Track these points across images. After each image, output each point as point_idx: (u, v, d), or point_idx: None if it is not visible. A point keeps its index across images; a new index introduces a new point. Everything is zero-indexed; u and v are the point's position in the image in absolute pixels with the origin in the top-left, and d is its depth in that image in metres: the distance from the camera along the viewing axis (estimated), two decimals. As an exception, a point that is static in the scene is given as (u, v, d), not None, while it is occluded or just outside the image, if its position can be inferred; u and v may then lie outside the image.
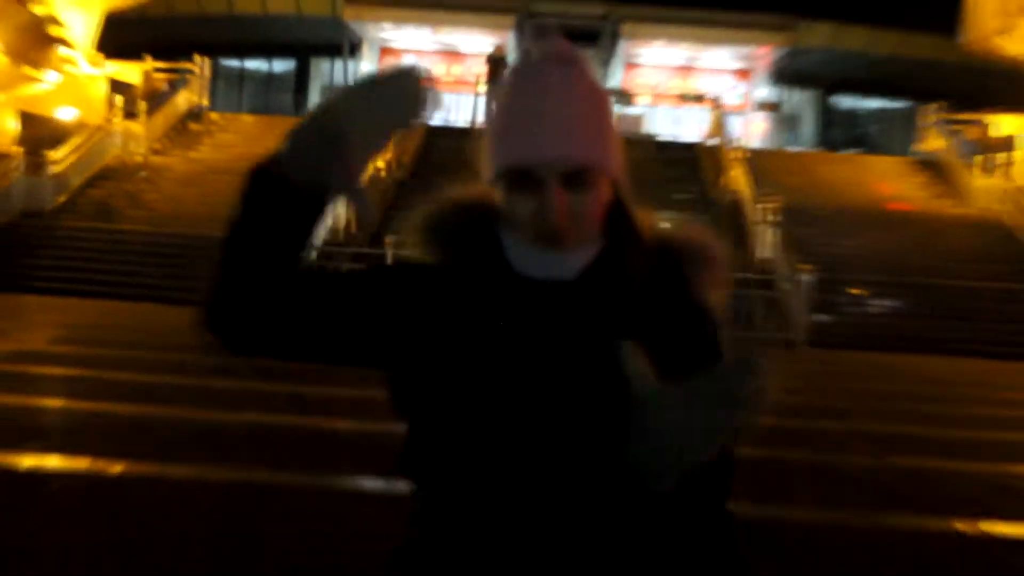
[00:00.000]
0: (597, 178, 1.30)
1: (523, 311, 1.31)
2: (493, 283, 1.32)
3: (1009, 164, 23.65)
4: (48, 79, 23.00)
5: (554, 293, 1.32)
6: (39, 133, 21.77)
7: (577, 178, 1.27)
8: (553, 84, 1.31)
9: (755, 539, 2.13)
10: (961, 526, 5.69)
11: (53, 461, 6.17)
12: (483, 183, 1.39)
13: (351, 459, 6.20)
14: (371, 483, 5.74)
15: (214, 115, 26.45)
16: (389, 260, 8.55)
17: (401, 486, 1.45)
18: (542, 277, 1.31)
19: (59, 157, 20.64)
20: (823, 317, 18.30)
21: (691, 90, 33.82)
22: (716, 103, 27.89)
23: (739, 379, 1.17)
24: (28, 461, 6.02)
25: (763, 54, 33.30)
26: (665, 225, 1.49)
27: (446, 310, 1.31)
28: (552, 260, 1.32)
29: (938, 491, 6.80)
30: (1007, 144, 24.30)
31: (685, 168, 23.57)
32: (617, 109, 29.67)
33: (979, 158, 23.70)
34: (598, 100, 1.35)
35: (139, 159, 22.89)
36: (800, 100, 37.25)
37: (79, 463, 6.02)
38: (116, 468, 5.96)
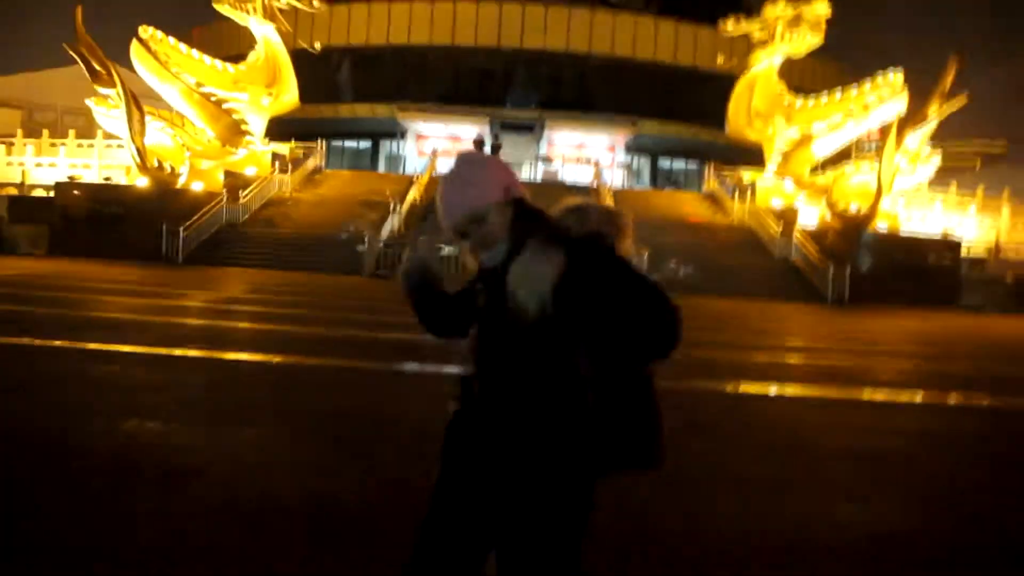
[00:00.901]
0: (482, 214, 2.07)
1: (485, 282, 2.23)
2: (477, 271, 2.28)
3: (752, 196, 33.92)
4: (240, 153, 33.51)
5: (492, 273, 2.16)
6: (235, 182, 31.92)
7: (472, 220, 2.10)
8: (448, 179, 2.17)
9: None
10: (722, 387, 9.02)
11: (245, 356, 9.45)
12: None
13: (398, 356, 9.20)
14: (409, 366, 9.57)
15: (327, 171, 38.07)
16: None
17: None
18: (489, 266, 2.19)
19: (245, 194, 31.11)
20: (653, 275, 31.44)
21: (583, 156, 46.27)
22: (597, 163, 40.99)
23: (542, 257, 1.98)
24: (233, 355, 9.36)
25: (621, 136, 47.80)
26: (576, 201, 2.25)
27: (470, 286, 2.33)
28: (488, 258, 2.19)
29: (713, 369, 10.07)
30: (750, 186, 34.83)
31: (582, 197, 35.26)
32: (542, 167, 43.97)
33: (736, 193, 34.74)
34: (469, 175, 2.12)
35: (288, 195, 33.56)
36: (641, 161, 51.42)
37: (254, 356, 9.35)
38: (278, 359, 9.39)
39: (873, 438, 7.13)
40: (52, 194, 32.16)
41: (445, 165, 40.33)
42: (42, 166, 40.59)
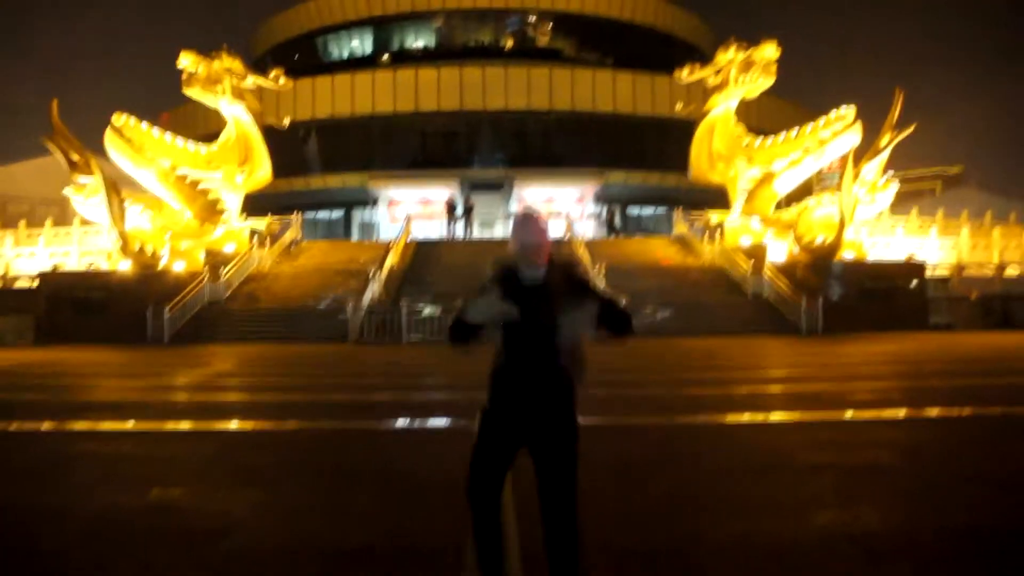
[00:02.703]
0: (543, 246, 3.70)
1: (524, 294, 3.64)
2: (515, 283, 3.70)
3: (721, 236, 34.40)
4: (218, 231, 33.82)
5: (533, 287, 3.68)
6: (216, 260, 32.14)
7: (539, 246, 3.69)
8: (529, 217, 3.77)
9: (611, 434, 8.52)
10: (708, 419, 9.65)
11: (241, 425, 10.07)
12: (510, 252, 3.71)
13: (388, 415, 11.79)
14: (401, 423, 10.02)
15: (304, 243, 38.49)
16: (403, 314, 26.87)
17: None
18: (528, 282, 3.69)
19: (226, 271, 31.40)
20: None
21: (553, 210, 46.78)
22: (567, 216, 42.02)
23: (585, 308, 3.67)
24: (232, 425, 9.92)
25: (589, 188, 48.84)
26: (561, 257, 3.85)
27: (504, 294, 3.62)
28: (530, 275, 3.70)
29: (699, 404, 10.92)
30: (718, 227, 35.14)
31: (555, 249, 35.72)
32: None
33: (706, 235, 35.38)
34: (542, 224, 3.74)
35: (267, 269, 33.73)
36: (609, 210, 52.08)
37: (257, 424, 10.02)
38: (272, 425, 10.29)
39: (850, 453, 7.65)
40: (36, 284, 32.37)
41: (419, 229, 41.60)
42: (22, 256, 40.91)
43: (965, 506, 5.74)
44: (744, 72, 34.27)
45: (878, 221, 38.87)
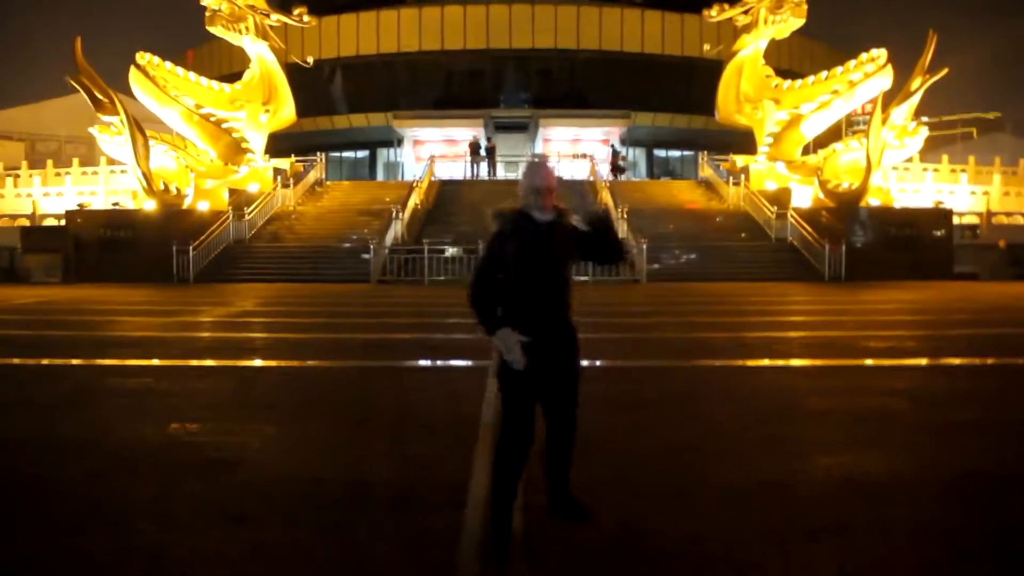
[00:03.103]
0: (553, 190, 3.95)
1: (536, 232, 3.94)
2: (527, 225, 3.95)
3: (746, 180, 34.13)
4: (241, 171, 33.85)
5: (544, 225, 3.96)
6: (240, 200, 32.28)
7: (550, 190, 3.94)
8: (540, 164, 4.09)
9: (622, 377, 8.58)
10: (724, 362, 9.65)
11: (264, 362, 10.45)
12: (519, 196, 3.99)
13: (408, 354, 11.72)
14: (421, 362, 10.52)
15: (328, 183, 38.70)
16: (426, 254, 26.75)
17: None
18: (540, 221, 3.97)
19: (250, 211, 31.44)
20: (655, 265, 27.27)
21: (578, 152, 46.53)
22: (592, 158, 41.26)
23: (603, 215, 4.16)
24: (252, 362, 10.05)
25: (615, 130, 48.37)
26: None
27: (517, 237, 3.92)
28: (542, 216, 3.97)
29: (714, 348, 10.93)
30: (744, 170, 34.87)
31: (580, 190, 34.20)
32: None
33: (730, 178, 35.16)
34: (552, 172, 4.02)
35: (291, 208, 34.05)
36: (636, 153, 52.04)
37: (277, 362, 10.21)
38: (293, 363, 10.32)
39: (861, 399, 7.69)
40: (63, 222, 32.76)
41: (444, 169, 41.46)
42: (50, 196, 41.40)
43: (973, 454, 5.76)
44: (774, 11, 33.49)
45: (907, 167, 38.21)
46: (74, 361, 10.54)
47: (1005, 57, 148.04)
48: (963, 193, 40.15)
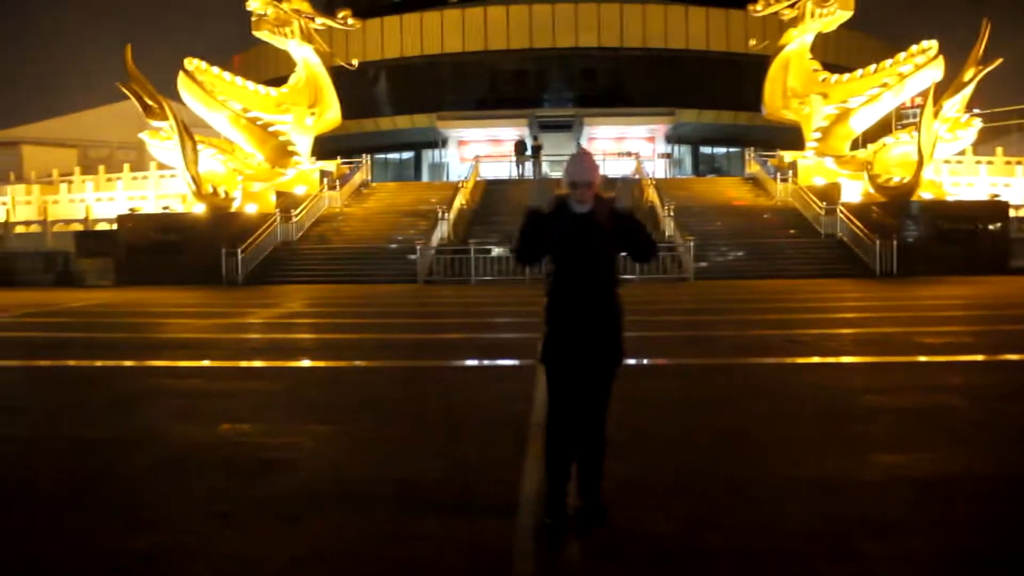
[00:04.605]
0: (592, 185, 4.04)
1: (574, 222, 4.11)
2: (566, 214, 4.13)
3: (794, 176, 33.42)
4: (288, 174, 33.79)
5: (582, 216, 4.10)
6: (287, 202, 32.15)
7: (587, 185, 4.03)
8: (580, 157, 4.13)
9: (676, 374, 8.61)
10: (775, 360, 9.62)
11: (314, 363, 10.66)
12: (563, 188, 4.04)
13: (456, 353, 11.72)
14: (471, 362, 10.49)
15: (374, 184, 38.82)
16: (472, 254, 26.93)
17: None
18: (578, 212, 4.12)
19: (297, 213, 31.45)
20: (702, 264, 26.98)
21: (623, 149, 46.18)
22: (637, 155, 41.13)
23: (626, 186, 4.35)
24: (303, 363, 10.22)
25: (660, 127, 48.01)
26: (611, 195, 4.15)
27: (556, 223, 4.12)
28: (579, 207, 4.10)
29: (766, 346, 10.89)
30: (792, 166, 34.10)
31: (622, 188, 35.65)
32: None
33: (778, 174, 34.40)
34: (593, 163, 4.11)
35: (337, 210, 34.03)
36: (682, 150, 51.49)
37: (327, 362, 10.44)
38: (343, 363, 10.28)
39: (917, 396, 7.55)
40: (115, 227, 33.31)
41: (488, 169, 41.46)
42: (102, 200, 42.11)
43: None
44: (821, 4, 32.87)
45: (960, 161, 37.40)
46: (127, 363, 10.69)
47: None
48: (1020, 186, 39.09)
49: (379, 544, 4.07)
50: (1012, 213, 32.01)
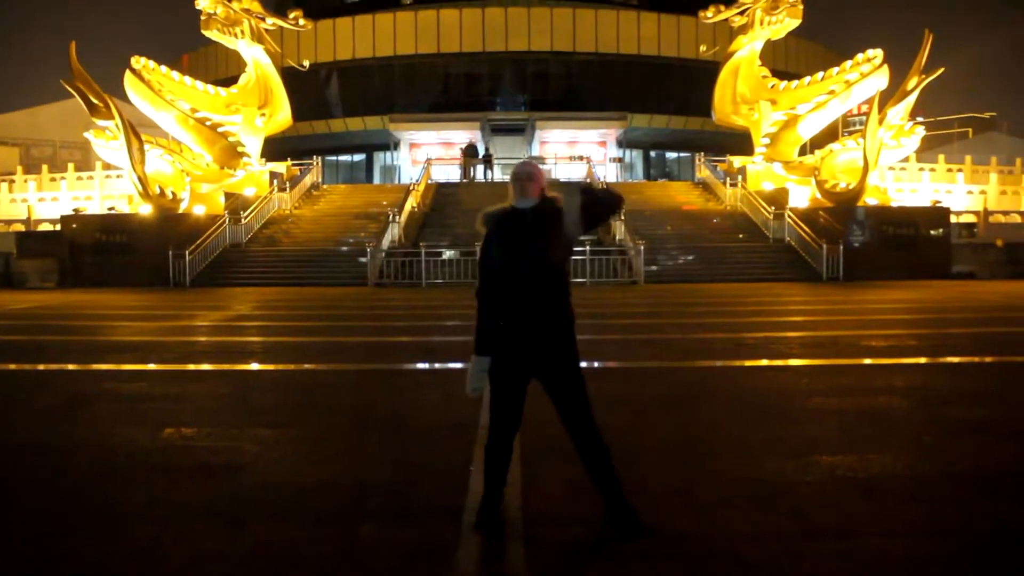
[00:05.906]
0: (536, 182, 4.03)
1: (519, 219, 4.03)
2: (511, 215, 4.06)
3: (743, 181, 33.82)
4: (238, 175, 33.58)
5: (525, 212, 4.04)
6: (236, 204, 32.00)
7: (528, 176, 4.03)
8: (524, 163, 4.21)
9: (624, 378, 8.83)
10: (721, 363, 9.77)
11: (261, 366, 10.56)
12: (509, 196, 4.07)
13: (405, 357, 11.98)
14: (420, 365, 10.62)
15: (325, 186, 38.54)
16: (423, 257, 26.78)
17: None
18: (523, 208, 4.06)
19: (246, 215, 31.21)
20: (652, 267, 27.21)
21: (575, 154, 46.06)
22: (589, 160, 41.10)
23: (573, 194, 3.92)
24: (251, 366, 10.04)
25: (612, 132, 48.41)
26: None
27: (500, 226, 4.07)
28: (524, 203, 4.06)
29: (712, 348, 11.13)
30: (740, 171, 34.77)
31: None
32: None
33: (727, 179, 34.87)
34: (537, 169, 4.10)
35: (287, 212, 33.85)
36: (633, 155, 52.13)
37: (274, 366, 10.31)
38: (290, 367, 10.19)
39: (861, 398, 7.64)
40: (58, 227, 32.63)
41: (441, 172, 41.50)
42: (45, 201, 41.29)
43: (972, 452, 5.72)
44: (770, 12, 33.55)
45: (904, 167, 38.17)
46: (69, 366, 10.47)
47: (1001, 57, 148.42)
48: (960, 192, 40.19)
49: (324, 547, 4.02)
50: (953, 219, 32.74)
